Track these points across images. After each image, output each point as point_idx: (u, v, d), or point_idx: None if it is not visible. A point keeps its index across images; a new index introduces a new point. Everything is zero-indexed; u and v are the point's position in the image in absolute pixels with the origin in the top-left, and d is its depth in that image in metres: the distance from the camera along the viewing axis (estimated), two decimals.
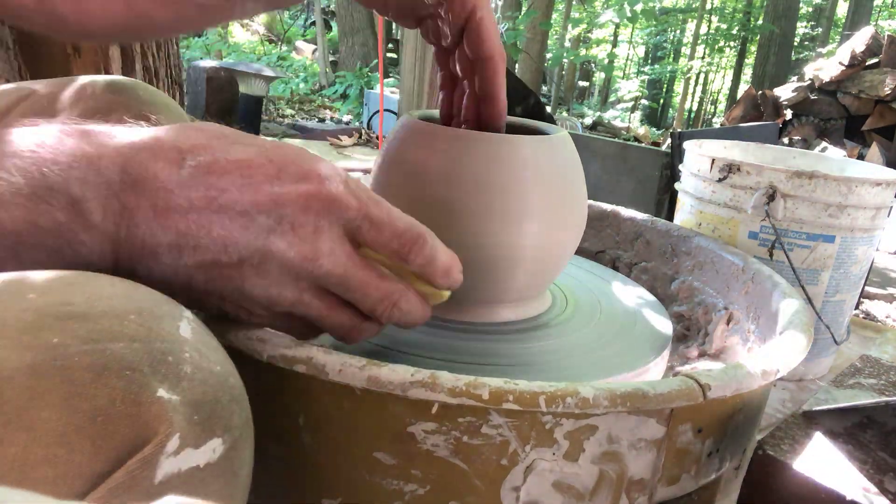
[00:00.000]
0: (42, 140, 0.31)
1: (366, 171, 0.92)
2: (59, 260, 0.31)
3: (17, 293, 0.27)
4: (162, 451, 0.25)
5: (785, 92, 4.51)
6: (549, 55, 7.47)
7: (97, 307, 0.27)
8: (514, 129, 0.63)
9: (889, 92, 4.03)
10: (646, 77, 12.99)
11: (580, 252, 0.78)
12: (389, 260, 0.39)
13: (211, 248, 0.34)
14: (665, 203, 1.88)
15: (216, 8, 0.46)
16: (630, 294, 0.68)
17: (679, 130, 1.98)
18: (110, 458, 0.24)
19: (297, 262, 0.35)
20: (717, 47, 12.89)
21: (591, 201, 0.78)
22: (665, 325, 0.62)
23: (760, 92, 4.68)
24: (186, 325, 0.30)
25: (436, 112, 0.62)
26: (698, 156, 0.88)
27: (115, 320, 0.27)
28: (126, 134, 0.33)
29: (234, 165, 0.34)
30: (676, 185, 0.96)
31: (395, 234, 0.38)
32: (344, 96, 6.34)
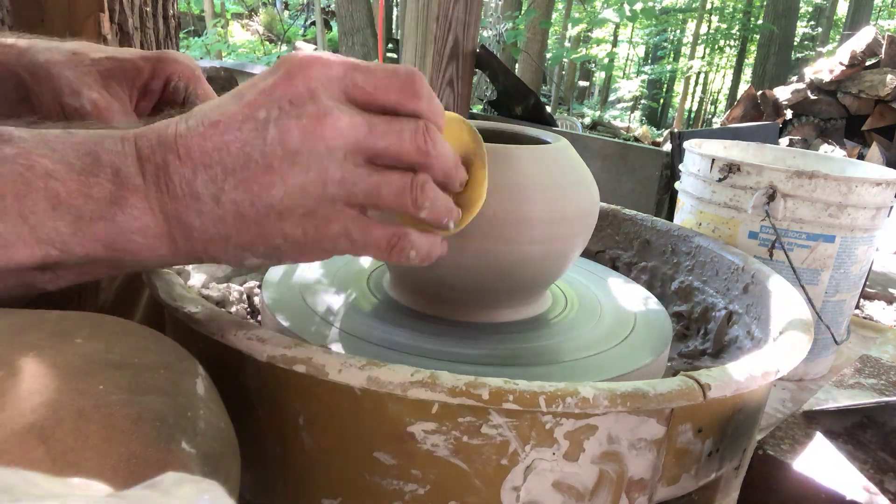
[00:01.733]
0: (94, 132, 0.35)
1: None
2: (117, 230, 0.34)
3: (66, 336, 0.30)
4: None
5: (785, 92, 4.51)
6: (549, 55, 7.47)
7: (133, 359, 0.31)
8: (515, 139, 0.63)
9: (889, 92, 4.03)
10: (646, 77, 12.98)
11: None
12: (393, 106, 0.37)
13: (238, 163, 0.34)
14: (665, 203, 1.88)
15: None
16: (630, 294, 0.68)
17: (679, 130, 1.98)
18: None
19: (315, 132, 0.34)
20: (717, 47, 12.89)
21: None
22: (665, 325, 0.61)
23: (760, 92, 4.68)
24: (201, 382, 0.33)
25: None
26: (698, 156, 0.88)
27: (148, 374, 0.31)
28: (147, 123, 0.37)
29: (225, 97, 0.36)
30: (676, 185, 0.96)
31: (389, 72, 0.37)
32: None
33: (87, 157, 0.34)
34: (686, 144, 0.93)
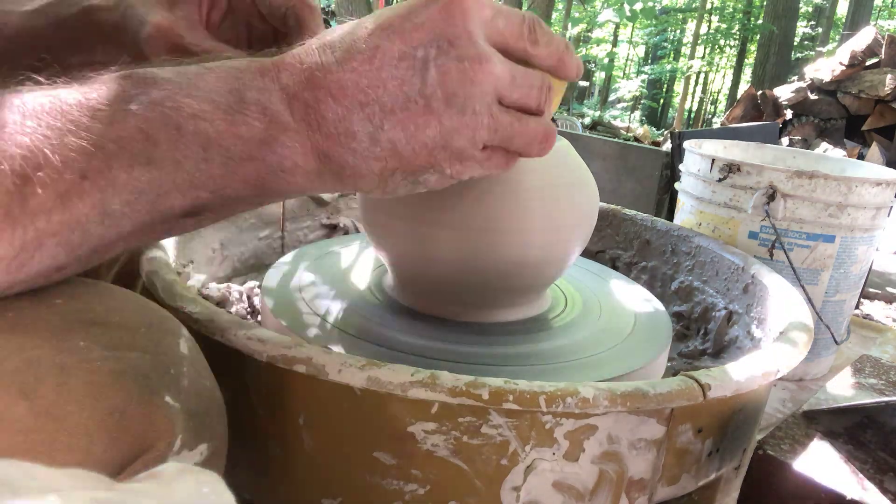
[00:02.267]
0: (231, 65, 0.34)
1: None
2: (267, 170, 0.33)
3: (44, 297, 0.30)
4: (171, 450, 0.29)
5: (785, 92, 4.51)
6: None
7: (114, 318, 0.31)
8: None
9: (889, 92, 4.03)
10: (646, 77, 12.98)
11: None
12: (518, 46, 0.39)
13: (397, 102, 0.34)
14: (665, 203, 1.88)
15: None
16: (630, 294, 0.68)
17: (679, 130, 1.98)
18: (123, 451, 0.28)
19: (475, 77, 0.35)
20: (717, 47, 12.89)
21: None
22: (665, 325, 0.61)
23: (760, 92, 4.68)
24: (184, 343, 0.33)
25: None
26: (698, 156, 0.88)
27: (129, 332, 0.31)
28: (283, 52, 0.35)
29: (372, 27, 0.35)
30: (676, 185, 0.96)
31: (519, 19, 0.38)
32: None
33: (230, 96, 0.32)
34: (686, 144, 0.93)
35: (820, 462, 0.46)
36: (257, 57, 0.36)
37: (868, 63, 4.26)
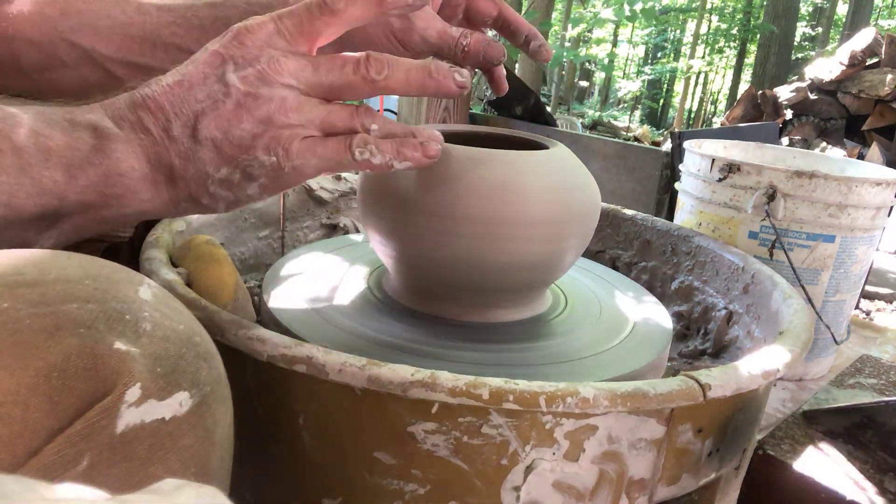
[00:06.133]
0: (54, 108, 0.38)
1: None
2: (105, 173, 0.38)
3: None
4: (122, 401, 0.26)
5: (785, 92, 4.51)
6: None
7: (49, 275, 0.29)
8: (514, 144, 0.63)
9: (889, 92, 4.03)
10: (646, 77, 12.99)
11: None
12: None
13: (205, 107, 0.40)
14: (665, 203, 1.88)
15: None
16: (630, 294, 0.68)
17: (679, 130, 1.98)
18: (69, 414, 0.25)
19: (266, 72, 0.40)
20: (717, 47, 12.90)
21: None
22: (665, 325, 0.61)
23: (760, 92, 4.68)
24: (146, 289, 0.31)
25: (436, 126, 0.63)
26: (698, 156, 0.88)
27: (67, 284, 0.28)
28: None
29: (192, 58, 0.41)
30: (676, 185, 0.96)
31: (301, 9, 0.41)
32: None
33: (64, 122, 0.37)
34: (686, 144, 0.93)
35: (820, 462, 0.46)
36: None
37: (868, 63, 4.26)
